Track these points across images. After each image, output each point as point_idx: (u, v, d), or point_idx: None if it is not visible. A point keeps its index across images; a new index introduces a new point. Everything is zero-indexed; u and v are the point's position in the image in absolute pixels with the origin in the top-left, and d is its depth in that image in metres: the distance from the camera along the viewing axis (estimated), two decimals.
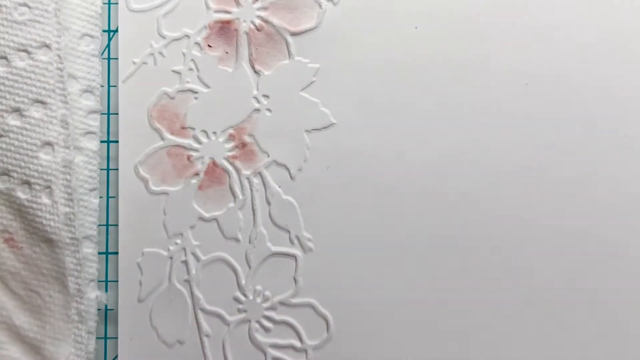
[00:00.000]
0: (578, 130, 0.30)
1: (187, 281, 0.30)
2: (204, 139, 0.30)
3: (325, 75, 0.30)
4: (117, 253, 0.30)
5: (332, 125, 0.30)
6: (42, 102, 0.28)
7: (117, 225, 0.30)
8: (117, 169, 0.30)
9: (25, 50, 0.28)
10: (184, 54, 0.30)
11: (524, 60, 0.30)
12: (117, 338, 0.30)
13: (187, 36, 0.30)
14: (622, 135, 0.29)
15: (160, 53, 0.30)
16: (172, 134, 0.30)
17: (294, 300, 0.30)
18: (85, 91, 0.29)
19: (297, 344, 0.30)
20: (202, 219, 0.30)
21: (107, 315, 0.30)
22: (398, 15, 0.30)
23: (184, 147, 0.30)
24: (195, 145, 0.30)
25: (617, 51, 0.30)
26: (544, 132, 0.30)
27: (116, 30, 0.30)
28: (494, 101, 0.30)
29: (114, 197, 0.30)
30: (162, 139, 0.30)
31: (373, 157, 0.29)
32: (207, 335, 0.30)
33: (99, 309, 0.29)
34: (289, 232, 0.30)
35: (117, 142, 0.30)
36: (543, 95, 0.30)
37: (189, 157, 0.30)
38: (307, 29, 0.30)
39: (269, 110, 0.30)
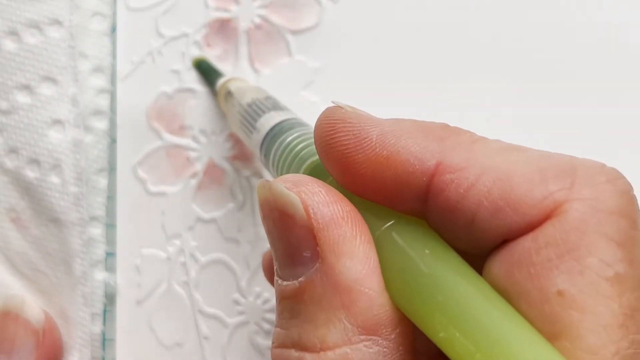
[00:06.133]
0: None
1: (186, 283, 0.29)
2: (202, 139, 0.30)
3: (325, 74, 0.30)
4: (114, 254, 0.29)
5: None
6: (53, 80, 0.28)
7: (115, 226, 0.30)
8: (115, 170, 0.30)
9: (37, 27, 0.28)
10: (183, 53, 0.30)
11: (530, 63, 0.29)
12: (115, 340, 0.29)
13: (186, 35, 0.30)
14: None
15: (159, 52, 0.30)
16: (170, 133, 0.30)
17: None
18: (96, 70, 0.29)
19: None
20: (201, 219, 0.29)
21: (106, 317, 0.30)
22: (400, 15, 0.30)
23: (183, 147, 0.30)
24: (194, 145, 0.30)
25: None
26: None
27: (114, 29, 0.30)
28: (498, 101, 0.29)
29: (111, 197, 0.30)
30: (161, 139, 0.30)
31: None
32: (206, 338, 0.29)
33: (106, 292, 0.29)
34: None
35: (115, 142, 0.30)
36: (555, 98, 0.29)
37: (187, 157, 0.30)
38: (307, 27, 0.30)
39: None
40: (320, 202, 0.16)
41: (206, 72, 0.29)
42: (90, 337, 0.28)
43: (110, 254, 0.30)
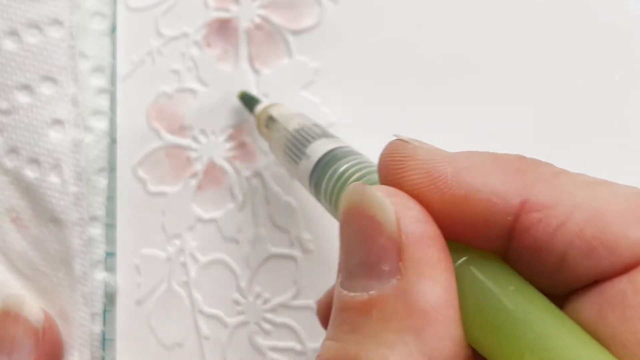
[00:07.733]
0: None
1: (186, 283, 0.29)
2: (202, 139, 0.30)
3: (325, 74, 0.30)
4: (114, 254, 0.29)
5: (332, 125, 0.29)
6: (53, 80, 0.28)
7: (115, 226, 0.30)
8: (115, 170, 0.30)
9: (37, 27, 0.28)
10: (182, 53, 0.30)
11: (532, 62, 0.29)
12: (115, 340, 0.29)
13: (186, 35, 0.30)
14: None
15: (159, 52, 0.30)
16: (170, 133, 0.30)
17: (294, 303, 0.29)
18: (96, 70, 0.29)
19: (298, 346, 0.29)
20: (201, 220, 0.30)
21: (106, 317, 0.30)
22: (400, 14, 0.30)
23: (183, 147, 0.30)
24: (194, 145, 0.30)
25: None
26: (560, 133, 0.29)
27: (114, 29, 0.30)
28: (497, 100, 0.29)
29: (111, 197, 0.30)
30: (161, 139, 0.30)
31: (373, 158, 0.29)
32: (206, 338, 0.29)
33: (106, 292, 0.29)
34: (288, 233, 0.29)
35: (115, 142, 0.30)
36: (554, 99, 0.29)
37: (187, 157, 0.30)
38: (307, 27, 0.30)
39: None
40: (413, 218, 0.15)
41: (247, 101, 0.29)
42: (90, 337, 0.28)
43: (110, 254, 0.30)
